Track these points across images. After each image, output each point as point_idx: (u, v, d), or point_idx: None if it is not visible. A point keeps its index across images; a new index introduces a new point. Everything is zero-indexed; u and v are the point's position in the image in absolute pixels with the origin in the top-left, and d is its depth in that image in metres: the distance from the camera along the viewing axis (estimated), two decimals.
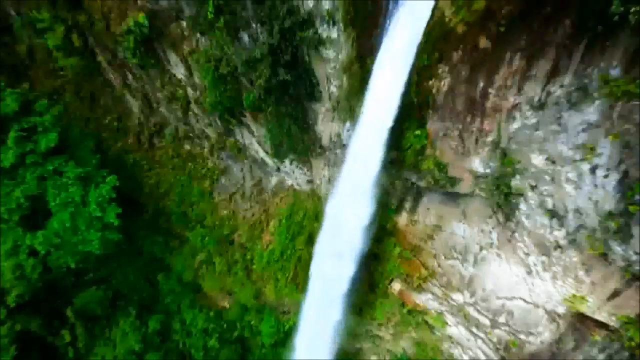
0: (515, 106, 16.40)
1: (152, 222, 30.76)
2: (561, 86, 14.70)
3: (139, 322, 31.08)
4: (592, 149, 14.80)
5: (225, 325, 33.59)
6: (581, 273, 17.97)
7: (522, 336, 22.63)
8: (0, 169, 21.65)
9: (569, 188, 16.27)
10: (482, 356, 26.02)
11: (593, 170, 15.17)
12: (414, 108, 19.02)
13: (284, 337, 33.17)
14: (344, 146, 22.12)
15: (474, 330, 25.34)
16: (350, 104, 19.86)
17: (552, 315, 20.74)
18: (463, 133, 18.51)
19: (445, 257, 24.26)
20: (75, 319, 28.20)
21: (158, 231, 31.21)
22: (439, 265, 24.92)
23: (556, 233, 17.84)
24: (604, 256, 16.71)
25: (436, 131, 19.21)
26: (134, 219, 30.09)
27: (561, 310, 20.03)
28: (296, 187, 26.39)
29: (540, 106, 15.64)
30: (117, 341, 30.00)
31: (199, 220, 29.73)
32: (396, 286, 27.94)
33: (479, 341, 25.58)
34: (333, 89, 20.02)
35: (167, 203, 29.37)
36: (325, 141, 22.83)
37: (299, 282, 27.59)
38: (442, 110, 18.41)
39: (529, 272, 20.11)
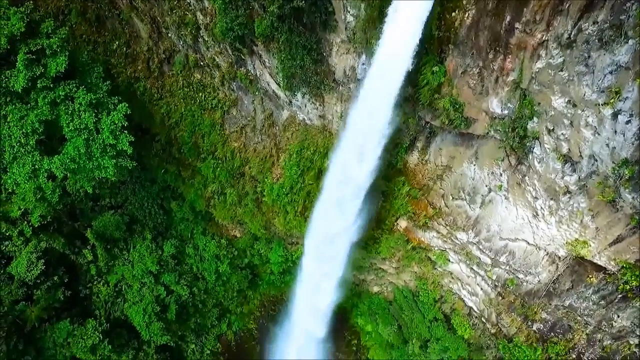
0: (542, 43, 15.45)
1: (165, 152, 31.15)
2: (594, 22, 13.66)
3: (155, 245, 32.80)
4: (618, 92, 14.10)
5: (236, 253, 35.34)
6: (587, 219, 18.09)
7: (520, 275, 23.48)
8: (12, 92, 21.66)
9: (587, 133, 15.81)
10: (480, 292, 27.29)
11: (615, 115, 14.59)
12: (434, 42, 18.05)
13: (292, 265, 34.92)
14: (358, 81, 21.43)
15: (475, 267, 26.31)
16: (367, 36, 18.87)
17: (553, 258, 21.30)
18: (483, 71, 17.70)
19: (452, 198, 24.48)
20: (95, 240, 29.84)
21: (170, 161, 31.70)
22: (446, 205, 25.25)
23: (567, 178, 17.69)
24: (612, 203, 16.68)
25: (455, 68, 18.38)
26: (147, 148, 30.48)
27: (562, 253, 20.51)
28: (307, 122, 26.08)
29: (569, 44, 14.69)
30: (134, 262, 31.95)
31: (210, 152, 29.98)
32: (402, 223, 28.62)
33: (479, 278, 26.67)
34: (350, 18, 18.92)
35: (179, 133, 29.45)
36: (339, 75, 22.10)
37: (308, 215, 28.35)
38: (464, 46, 17.45)
39: (535, 216, 20.31)
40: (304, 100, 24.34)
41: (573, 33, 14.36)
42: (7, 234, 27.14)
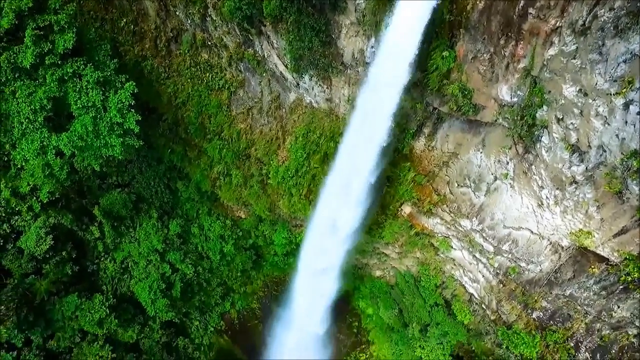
0: (556, 30, 15.13)
1: (171, 132, 31.21)
2: (610, 9, 13.33)
3: (161, 224, 33.23)
4: (631, 82, 13.85)
5: (240, 234, 35.71)
6: (592, 209, 18.02)
7: (522, 264, 23.56)
8: (20, 68, 21.71)
9: (597, 123, 15.60)
10: (481, 279, 27.47)
11: (627, 105, 14.36)
12: (444, 26, 17.73)
13: (295, 248, 35.26)
14: (366, 64, 21.19)
15: (477, 255, 26.42)
16: (376, 18, 18.57)
17: (556, 247, 21.32)
18: (494, 57, 17.42)
19: (458, 185, 24.43)
20: (102, 217, 30.28)
21: (177, 141, 31.80)
22: (451, 192, 25.22)
23: (574, 168, 17.55)
24: (619, 194, 16.57)
25: (465, 53, 18.09)
26: (154, 127, 30.56)
27: (565, 243, 20.51)
28: (314, 104, 25.94)
29: (583, 31, 14.37)
30: (141, 240, 32.44)
31: (216, 133, 29.98)
32: (406, 209, 28.68)
33: (480, 265, 26.81)
34: (359, 0, 18.61)
35: (186, 113, 29.44)
36: (347, 58, 21.85)
37: (312, 198, 28.47)
38: (475, 31, 17.13)
39: (540, 205, 20.26)
40: (311, 82, 24.16)
41: (588, 20, 14.04)
42: (17, 209, 27.61)
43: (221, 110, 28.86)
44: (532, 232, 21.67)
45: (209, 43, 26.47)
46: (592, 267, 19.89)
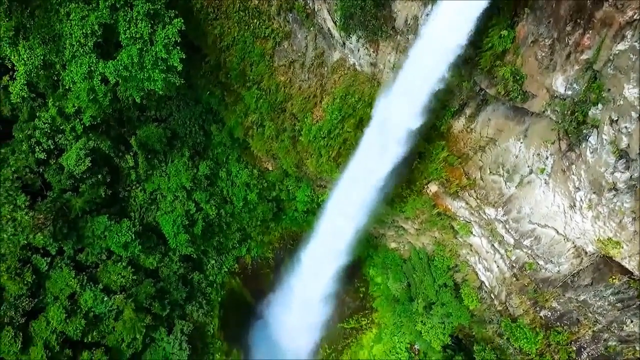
0: (631, 23, 13.89)
1: (212, 74, 31.37)
2: None
3: (191, 163, 34.28)
4: None
5: (265, 185, 36.46)
6: (627, 220, 17.25)
7: (541, 262, 23.15)
8: None
9: None
10: (495, 269, 27.28)
11: None
12: (509, 2, 16.56)
13: (316, 207, 35.81)
14: (418, 32, 20.25)
15: (496, 245, 26.09)
16: None
17: (579, 251, 20.74)
18: (556, 44, 16.28)
19: (490, 172, 23.77)
20: (137, 148, 31.48)
21: (216, 84, 32.01)
22: (482, 178, 24.61)
23: (618, 175, 16.66)
24: None
25: (526, 36, 16.98)
26: (196, 68, 30.77)
27: (590, 248, 19.89)
28: (357, 67, 25.28)
29: None
30: (171, 175, 33.70)
31: (256, 81, 29.92)
32: (432, 188, 28.31)
33: (497, 255, 26.53)
34: None
35: (228, 57, 29.37)
36: (399, 23, 20.92)
37: (340, 162, 28.46)
38: (541, 12, 15.96)
39: (572, 206, 19.54)
40: (357, 44, 23.44)
41: None
42: (61, 128, 29.01)
43: (263, 60, 28.61)
44: (557, 232, 21.07)
45: None
46: (613, 277, 19.34)
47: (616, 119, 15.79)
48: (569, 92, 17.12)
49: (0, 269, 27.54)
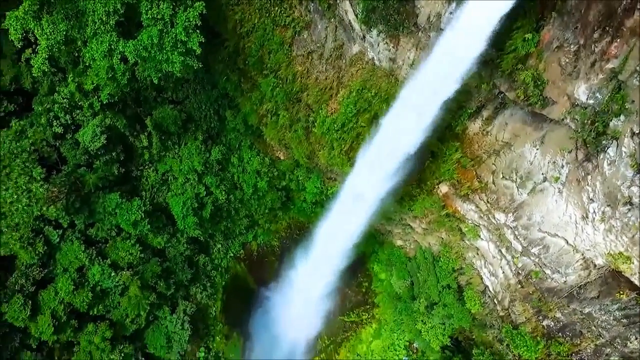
0: None
1: (230, 59, 31.36)
2: None
3: (204, 147, 34.51)
4: None
5: (276, 173, 36.56)
6: None
7: (547, 271, 22.86)
8: None
9: None
10: (500, 274, 27.04)
11: None
12: (535, 5, 16.16)
13: (325, 199, 35.83)
14: (440, 30, 19.91)
15: (503, 250, 25.83)
16: None
17: (588, 263, 20.43)
18: (581, 50, 15.86)
19: (503, 176, 23.46)
20: (152, 128, 31.77)
21: (234, 70, 32.01)
22: (494, 182, 24.30)
23: (634, 189, 16.27)
24: None
25: (550, 40, 16.58)
26: (214, 52, 30.80)
27: (599, 261, 19.57)
28: (376, 62, 25.00)
29: None
30: (183, 157, 34.00)
31: (273, 70, 29.84)
32: (443, 188, 28.07)
33: (504, 261, 26.28)
34: None
35: (247, 44, 29.30)
36: (421, 19, 20.59)
37: (352, 156, 28.35)
38: (569, 17, 15.54)
39: (584, 218, 19.19)
40: (378, 38, 23.16)
41: None
42: (79, 104, 29.40)
43: (282, 48, 28.48)
44: (567, 242, 20.75)
45: None
46: (621, 292, 19.02)
47: (638, 131, 15.38)
48: (591, 101, 16.71)
49: (13, 237, 28.23)
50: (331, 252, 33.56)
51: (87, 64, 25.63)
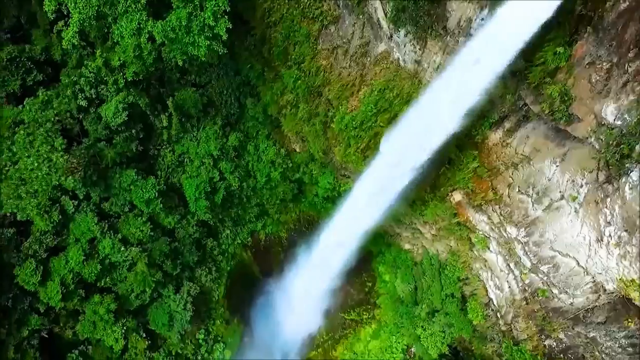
0: None
1: (255, 48, 31.46)
2: None
3: (222, 133, 34.75)
4: None
5: (290, 165, 36.63)
6: None
7: (555, 290, 22.44)
8: None
9: None
10: (506, 289, 26.66)
11: None
12: (571, 19, 15.72)
13: (336, 196, 35.80)
14: (469, 36, 19.56)
15: (512, 265, 25.43)
16: None
17: (598, 287, 19.97)
18: (614, 69, 15.39)
19: (519, 190, 23.02)
20: (173, 109, 32.12)
21: (258, 58, 32.10)
22: (509, 195, 23.88)
23: None
24: None
25: (582, 56, 16.12)
26: (240, 40, 30.91)
27: (610, 286, 19.11)
28: (401, 62, 24.74)
29: None
30: (201, 141, 34.31)
31: (297, 62, 29.81)
32: (457, 196, 27.72)
33: (511, 276, 25.89)
34: None
35: (274, 34, 29.31)
36: (451, 23, 20.25)
37: (368, 155, 28.21)
38: (605, 33, 15.07)
39: (599, 240, 18.73)
40: (405, 39, 22.89)
41: None
42: (105, 79, 29.89)
43: (308, 41, 28.41)
44: (578, 263, 20.31)
45: None
46: (629, 320, 18.56)
47: None
48: (619, 122, 16.23)
49: (31, 203, 29.01)
50: (337, 249, 33.56)
51: (115, 41, 25.98)
